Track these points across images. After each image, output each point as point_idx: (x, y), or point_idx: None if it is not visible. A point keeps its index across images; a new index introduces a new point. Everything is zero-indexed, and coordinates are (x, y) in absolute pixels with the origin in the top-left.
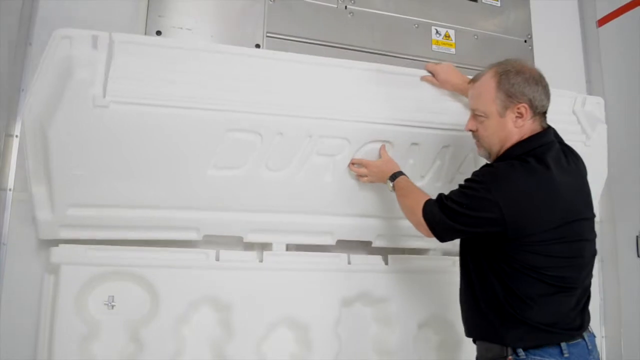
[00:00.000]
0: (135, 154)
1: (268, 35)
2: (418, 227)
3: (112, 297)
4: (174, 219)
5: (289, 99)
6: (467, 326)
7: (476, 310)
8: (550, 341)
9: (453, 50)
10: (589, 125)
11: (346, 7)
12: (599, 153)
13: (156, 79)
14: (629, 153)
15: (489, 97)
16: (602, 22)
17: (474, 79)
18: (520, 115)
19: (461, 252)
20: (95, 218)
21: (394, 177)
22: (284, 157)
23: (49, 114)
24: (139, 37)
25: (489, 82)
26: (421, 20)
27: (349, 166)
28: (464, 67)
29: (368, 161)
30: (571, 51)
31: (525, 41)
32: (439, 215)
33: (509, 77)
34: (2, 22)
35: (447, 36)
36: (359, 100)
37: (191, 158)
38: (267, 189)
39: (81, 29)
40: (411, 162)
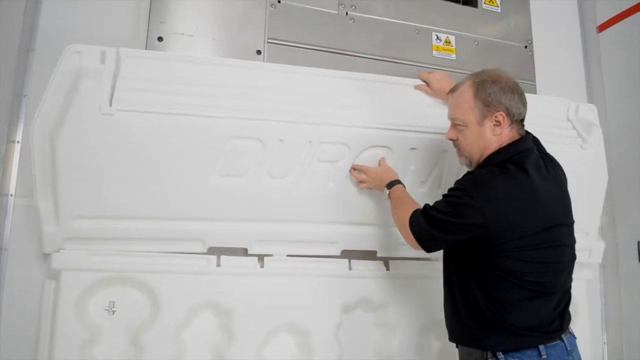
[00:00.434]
0: (140, 162)
1: (269, 41)
2: (405, 238)
3: (112, 302)
4: (179, 230)
5: (289, 105)
6: (450, 331)
7: (457, 316)
8: (529, 344)
9: (453, 56)
10: (584, 130)
11: (347, 13)
12: (597, 156)
13: (161, 88)
14: (630, 158)
15: (467, 106)
16: (602, 27)
17: (452, 89)
18: (498, 124)
19: (444, 259)
20: (100, 230)
21: (391, 185)
22: (285, 164)
23: (58, 125)
24: (144, 52)
25: (466, 92)
26: (422, 26)
27: (350, 171)
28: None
29: (368, 168)
30: (571, 57)
31: (526, 47)
32: (424, 225)
33: (485, 87)
34: (5, 29)
35: (447, 42)
36: (357, 107)
37: (195, 165)
38: (271, 196)
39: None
40: (412, 167)
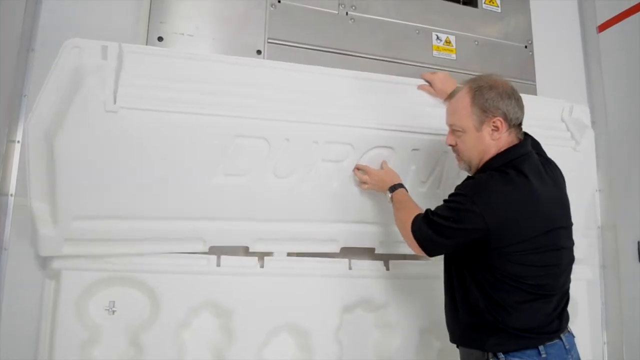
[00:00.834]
0: (143, 161)
1: (269, 41)
2: (408, 242)
3: (112, 302)
4: (180, 230)
5: (295, 105)
6: (451, 332)
7: (458, 317)
8: (529, 345)
9: (454, 56)
10: (577, 132)
11: (347, 13)
12: (588, 158)
13: (165, 86)
14: (630, 159)
15: (465, 112)
16: (602, 27)
17: (450, 95)
18: (496, 129)
19: (445, 262)
20: (100, 231)
21: (393, 188)
22: (290, 164)
23: (56, 123)
24: (147, 47)
25: (464, 98)
26: (422, 26)
27: (353, 171)
28: (464, 73)
29: (371, 169)
30: (572, 57)
31: (526, 47)
32: (426, 231)
33: (482, 93)
34: (5, 29)
35: (447, 42)
36: (362, 107)
37: (199, 164)
38: (274, 196)
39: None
40: (413, 167)
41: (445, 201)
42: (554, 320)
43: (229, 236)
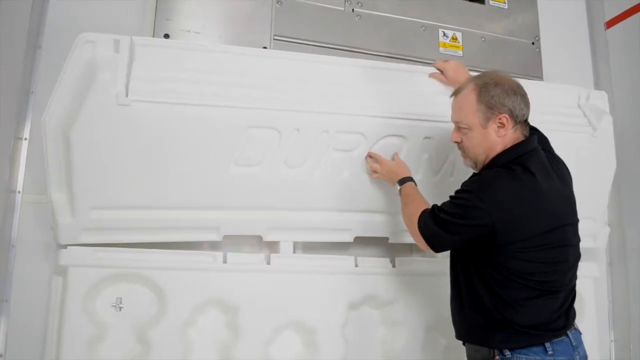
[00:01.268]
0: (156, 152)
1: (275, 38)
2: (414, 237)
3: (119, 298)
4: (194, 219)
5: (306, 95)
6: (457, 329)
7: (464, 314)
8: (535, 342)
9: (460, 53)
10: (594, 118)
11: (353, 10)
12: (606, 144)
13: (177, 78)
14: (637, 156)
15: (470, 109)
16: (610, 24)
17: (455, 92)
18: (502, 125)
19: (451, 259)
20: (116, 220)
21: (403, 181)
22: (301, 153)
23: (72, 115)
24: (158, 40)
25: (469, 95)
26: (428, 22)
27: (366, 158)
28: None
29: (383, 159)
30: (579, 53)
31: (533, 43)
32: (432, 227)
33: (488, 90)
34: (12, 26)
35: (454, 38)
36: (373, 96)
37: (213, 155)
38: (286, 186)
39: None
40: (425, 156)
41: (451, 197)
42: (561, 317)
43: (242, 225)
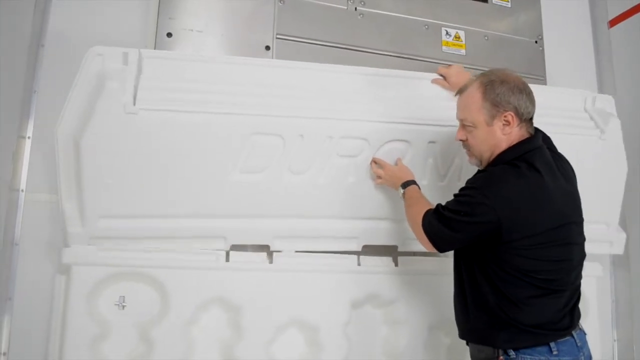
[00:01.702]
0: (163, 161)
1: (278, 37)
2: (418, 238)
3: (122, 297)
4: (202, 227)
5: (309, 101)
6: (460, 329)
7: (467, 314)
8: (539, 341)
9: (463, 52)
10: (602, 121)
11: (356, 8)
12: (615, 146)
13: (183, 88)
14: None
15: (475, 107)
16: (613, 22)
17: (460, 90)
18: (507, 123)
19: (455, 257)
20: (124, 229)
21: (406, 184)
22: (306, 160)
23: (82, 125)
24: (166, 52)
25: (475, 93)
26: (431, 21)
27: (370, 163)
28: (474, 68)
29: (386, 164)
30: (582, 52)
31: (536, 42)
32: (437, 226)
33: (494, 87)
34: (15, 25)
35: (457, 37)
36: (376, 102)
37: (218, 162)
38: (291, 193)
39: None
40: (430, 161)
41: (455, 195)
42: (565, 317)
43: (249, 234)
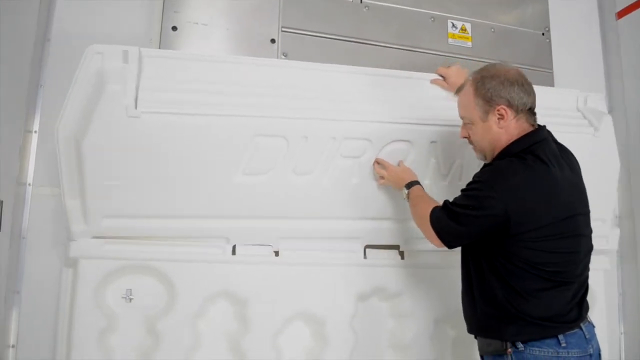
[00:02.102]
0: (166, 162)
1: (283, 29)
2: (426, 235)
3: (129, 290)
4: (204, 228)
5: (312, 103)
6: (468, 323)
7: (475, 308)
8: (548, 334)
9: (469, 44)
10: (594, 119)
11: (361, 1)
12: (608, 143)
13: (184, 89)
14: None
15: (470, 104)
16: (621, 14)
17: (458, 89)
18: (501, 117)
19: (462, 251)
20: (127, 229)
21: (410, 185)
22: (309, 161)
23: (83, 126)
24: (166, 51)
25: (468, 91)
26: (437, 13)
27: (373, 164)
28: (480, 61)
29: (389, 165)
30: (590, 44)
31: (543, 34)
32: (445, 221)
33: (484, 83)
34: (21, 19)
35: (463, 29)
36: (379, 102)
37: (221, 164)
38: (295, 194)
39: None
40: (433, 160)
41: (463, 190)
42: (573, 309)
43: (252, 235)
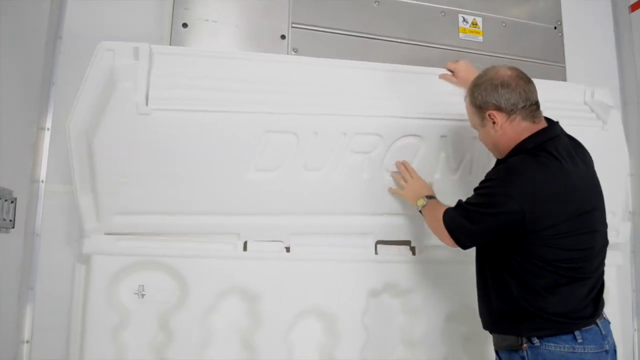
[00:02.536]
0: (177, 159)
1: (293, 25)
2: (440, 237)
3: (142, 286)
4: (216, 225)
5: (322, 98)
6: (484, 320)
7: (490, 305)
8: (564, 330)
9: (480, 39)
10: (602, 112)
11: None
12: (616, 136)
13: (195, 85)
14: None
15: (470, 113)
16: (634, 7)
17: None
18: (494, 121)
19: (477, 251)
20: (139, 225)
21: (430, 197)
22: (320, 157)
23: (94, 124)
24: (177, 48)
25: (467, 100)
26: (448, 8)
27: (396, 163)
28: (492, 55)
29: (415, 174)
30: (602, 37)
31: (555, 28)
32: (459, 220)
33: (474, 92)
34: (32, 17)
35: (474, 24)
36: (388, 97)
37: (232, 161)
38: (306, 190)
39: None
40: (443, 155)
41: (475, 189)
42: (589, 305)
43: (263, 231)
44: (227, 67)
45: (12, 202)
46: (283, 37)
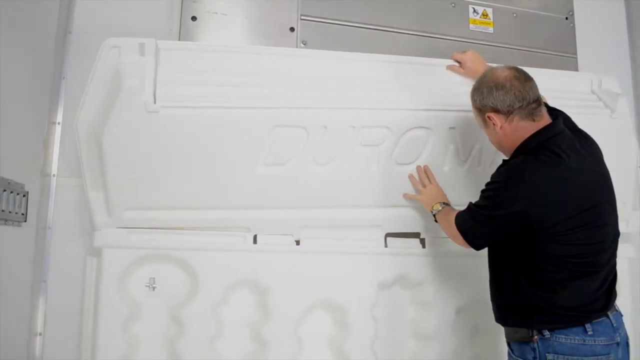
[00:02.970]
0: (187, 155)
1: (302, 18)
2: (455, 239)
3: (153, 279)
4: (226, 219)
5: (331, 92)
6: (495, 313)
7: (502, 299)
8: (574, 323)
9: (491, 30)
10: (610, 101)
11: None
12: (624, 124)
13: (203, 80)
14: None
15: (474, 115)
16: None
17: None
18: (493, 123)
19: (489, 250)
20: (150, 220)
21: (444, 204)
22: (329, 150)
23: (102, 121)
24: (183, 43)
25: (471, 103)
26: None
27: (417, 168)
28: (502, 46)
29: (430, 182)
30: (615, 28)
31: (567, 18)
32: (468, 222)
33: (474, 96)
34: (42, 12)
35: (484, 15)
36: (397, 89)
37: (241, 156)
38: (315, 183)
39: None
40: (451, 147)
41: (482, 191)
42: (600, 298)
43: (273, 224)
44: (234, 61)
45: (24, 195)
46: (292, 29)
